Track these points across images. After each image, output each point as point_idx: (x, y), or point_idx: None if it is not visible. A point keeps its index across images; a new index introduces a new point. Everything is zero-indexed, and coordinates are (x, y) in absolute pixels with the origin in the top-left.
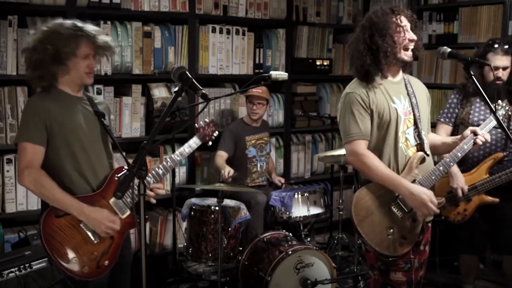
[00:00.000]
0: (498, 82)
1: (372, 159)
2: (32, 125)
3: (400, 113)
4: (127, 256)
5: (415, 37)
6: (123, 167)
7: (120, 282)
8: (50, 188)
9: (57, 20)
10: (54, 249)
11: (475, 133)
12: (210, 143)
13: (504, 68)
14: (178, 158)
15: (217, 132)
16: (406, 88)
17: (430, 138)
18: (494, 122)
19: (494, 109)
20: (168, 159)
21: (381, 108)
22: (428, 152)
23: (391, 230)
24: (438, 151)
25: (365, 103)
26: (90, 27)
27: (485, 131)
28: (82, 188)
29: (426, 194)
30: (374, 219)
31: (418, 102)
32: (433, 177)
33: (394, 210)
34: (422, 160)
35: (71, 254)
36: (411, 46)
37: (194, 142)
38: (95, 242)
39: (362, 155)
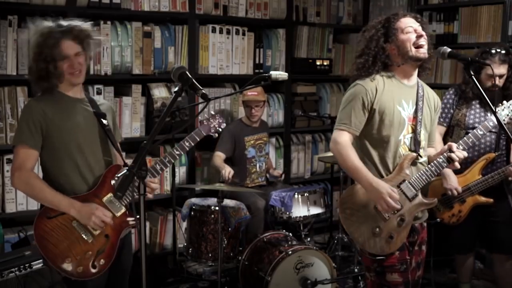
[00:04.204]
0: (493, 89)
1: (347, 149)
2: (26, 128)
3: (404, 117)
4: (126, 262)
5: (423, 32)
6: (118, 165)
7: (119, 286)
8: (39, 189)
9: (38, 23)
10: (48, 250)
11: (450, 149)
12: (217, 134)
13: (501, 76)
14: (178, 152)
15: (224, 124)
16: (417, 92)
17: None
18: (493, 123)
19: (494, 110)
20: (167, 155)
21: (384, 108)
22: (422, 154)
23: (377, 229)
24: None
25: (368, 99)
26: (66, 24)
27: (484, 132)
28: (80, 187)
29: (385, 188)
30: (360, 217)
31: (424, 106)
32: (424, 177)
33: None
34: (414, 162)
35: (64, 254)
36: (422, 42)
37: (196, 134)
38: (89, 241)
39: (340, 144)
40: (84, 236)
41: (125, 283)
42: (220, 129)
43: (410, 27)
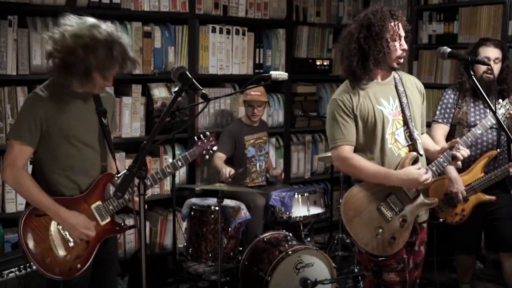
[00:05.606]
0: (488, 75)
1: (358, 159)
2: (25, 125)
3: (387, 115)
4: (112, 252)
5: (406, 47)
6: (112, 174)
7: (105, 278)
8: (28, 189)
9: (95, 23)
10: (29, 246)
11: (452, 148)
12: (207, 157)
13: (495, 61)
14: (169, 170)
15: (215, 147)
16: (396, 88)
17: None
18: (491, 122)
19: (494, 109)
20: (159, 172)
21: (365, 112)
22: (422, 153)
23: (380, 230)
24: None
25: (348, 109)
26: (125, 44)
27: (483, 131)
28: (71, 189)
29: (416, 172)
30: (363, 218)
31: (410, 101)
32: None
33: (384, 210)
34: (415, 161)
35: (44, 254)
36: (404, 55)
37: (189, 155)
38: (70, 245)
39: (348, 158)
40: (66, 240)
41: (112, 273)
42: (212, 152)
43: (397, 36)
